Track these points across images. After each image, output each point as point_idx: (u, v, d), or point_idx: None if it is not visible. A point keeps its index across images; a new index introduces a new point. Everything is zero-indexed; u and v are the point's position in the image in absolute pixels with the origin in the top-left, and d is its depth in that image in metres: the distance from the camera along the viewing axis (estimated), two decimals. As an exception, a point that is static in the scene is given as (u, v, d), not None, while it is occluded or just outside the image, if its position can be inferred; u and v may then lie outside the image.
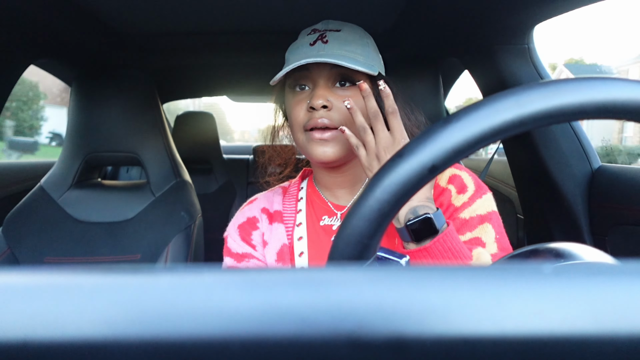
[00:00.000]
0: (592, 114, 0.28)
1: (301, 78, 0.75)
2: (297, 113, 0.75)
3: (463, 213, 0.72)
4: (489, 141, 0.28)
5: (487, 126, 0.28)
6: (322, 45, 0.73)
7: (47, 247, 1.18)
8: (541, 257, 0.36)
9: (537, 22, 1.09)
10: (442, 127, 0.29)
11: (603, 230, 1.09)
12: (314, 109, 0.72)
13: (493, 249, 0.69)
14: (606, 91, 0.27)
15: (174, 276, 0.18)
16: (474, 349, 0.16)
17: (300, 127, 0.75)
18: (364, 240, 0.31)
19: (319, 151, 0.73)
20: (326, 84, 0.74)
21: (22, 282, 0.17)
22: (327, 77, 0.74)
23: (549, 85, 0.28)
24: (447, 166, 0.29)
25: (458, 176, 0.76)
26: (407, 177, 0.29)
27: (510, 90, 0.28)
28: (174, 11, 1.13)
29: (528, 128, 0.28)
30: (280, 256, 0.78)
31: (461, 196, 0.74)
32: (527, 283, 0.18)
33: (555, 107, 0.27)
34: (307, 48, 0.74)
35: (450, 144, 0.28)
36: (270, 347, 0.16)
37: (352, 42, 0.75)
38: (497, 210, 0.74)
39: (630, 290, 0.17)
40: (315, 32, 0.77)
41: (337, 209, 0.81)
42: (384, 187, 0.30)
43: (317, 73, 0.74)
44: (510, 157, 1.41)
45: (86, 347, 0.16)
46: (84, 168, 1.29)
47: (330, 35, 0.75)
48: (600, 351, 0.16)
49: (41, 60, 1.34)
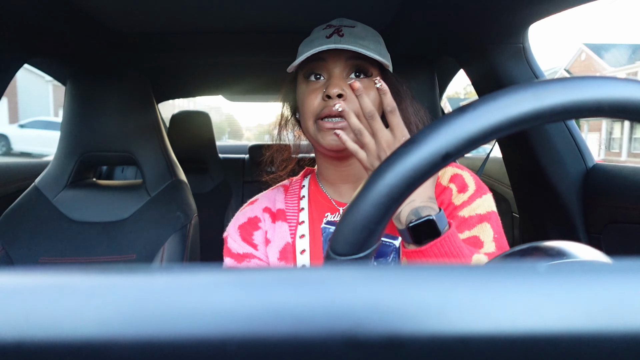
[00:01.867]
0: (608, 112, 0.27)
1: (316, 68, 0.77)
2: (312, 102, 0.76)
3: (462, 211, 0.73)
4: (504, 132, 0.28)
5: (503, 117, 0.28)
6: (339, 37, 0.75)
7: (42, 247, 1.17)
8: (536, 256, 0.36)
9: (532, 22, 1.10)
10: (458, 115, 0.28)
11: (598, 228, 1.10)
12: (329, 97, 0.73)
13: (491, 247, 0.69)
14: (626, 90, 0.27)
15: (170, 276, 0.18)
16: (469, 347, 0.16)
17: (313, 115, 0.76)
18: (371, 226, 0.30)
19: (331, 139, 0.74)
20: (341, 74, 0.76)
21: (17, 282, 0.17)
22: (343, 67, 0.76)
23: (568, 80, 0.28)
24: (460, 155, 0.29)
25: (459, 175, 0.77)
26: (419, 163, 0.29)
27: (529, 83, 0.28)
28: (169, 11, 1.13)
29: (544, 122, 0.28)
30: (283, 254, 0.78)
31: (461, 195, 0.74)
32: (521, 281, 0.18)
33: (574, 102, 0.27)
34: (324, 39, 0.75)
35: (466, 133, 0.28)
36: (267, 346, 0.16)
37: (366, 37, 0.77)
38: (496, 211, 0.74)
39: (624, 288, 0.17)
40: (331, 27, 0.78)
41: (339, 206, 0.81)
42: (395, 172, 0.29)
43: (333, 63, 0.75)
44: (506, 156, 1.42)
45: (81, 347, 0.16)
46: (79, 168, 1.29)
47: (345, 30, 0.76)
48: (594, 349, 0.17)
49: (35, 59, 1.33)
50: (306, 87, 0.78)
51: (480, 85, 1.36)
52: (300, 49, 0.81)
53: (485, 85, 1.33)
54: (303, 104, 0.78)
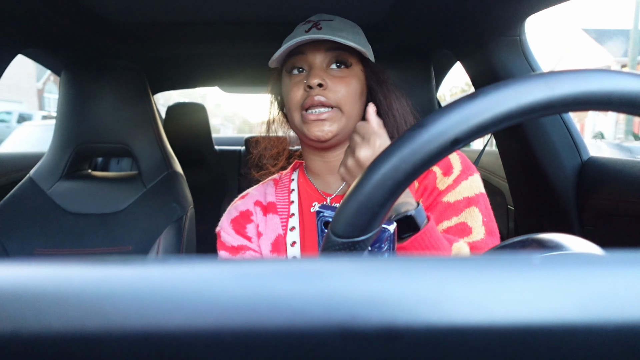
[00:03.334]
0: (616, 105, 0.27)
1: (297, 61, 0.79)
2: (295, 94, 0.78)
3: (447, 196, 0.72)
4: (514, 120, 0.28)
5: (514, 105, 0.27)
6: (317, 30, 0.77)
7: (37, 238, 1.17)
8: (530, 248, 0.37)
9: (529, 14, 1.09)
10: (468, 101, 0.28)
11: (592, 221, 1.11)
12: (310, 87, 0.75)
13: (480, 232, 0.69)
14: (636, 85, 0.27)
15: (166, 268, 0.18)
16: (465, 338, 0.17)
17: (297, 107, 0.78)
18: (375, 209, 0.30)
19: (316, 130, 0.75)
20: (321, 65, 0.78)
21: (12, 274, 0.17)
22: (323, 58, 0.78)
23: (580, 72, 0.28)
24: (470, 141, 0.29)
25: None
26: (428, 147, 0.29)
27: (539, 73, 0.28)
28: (165, 1, 1.12)
29: (553, 112, 0.28)
30: (275, 247, 0.79)
31: (446, 179, 0.74)
32: (516, 273, 0.18)
33: (585, 93, 0.27)
34: (302, 34, 0.77)
35: (476, 118, 0.28)
36: (263, 337, 0.16)
37: (344, 29, 0.79)
38: (484, 192, 0.74)
39: (617, 280, 0.18)
40: (310, 22, 0.80)
41: (327, 196, 0.82)
42: (402, 155, 0.29)
43: (312, 55, 0.78)
44: (501, 148, 1.42)
45: (78, 338, 0.16)
46: (74, 159, 1.28)
47: (323, 23, 0.78)
48: (587, 340, 0.17)
49: (29, 50, 1.32)
50: (289, 80, 0.80)
51: (477, 78, 1.36)
52: (283, 44, 0.82)
53: (482, 78, 1.33)
54: (287, 97, 0.80)
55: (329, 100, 0.75)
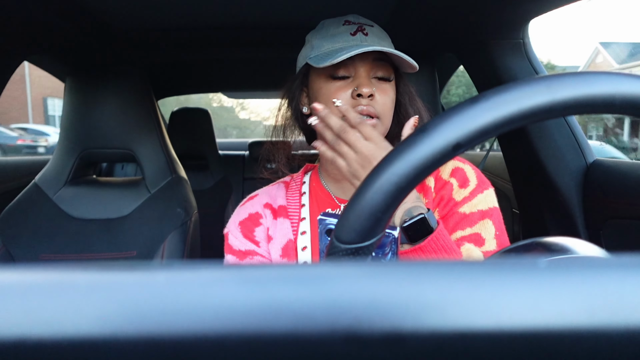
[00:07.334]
0: (619, 107, 0.27)
1: (343, 66, 0.75)
2: (340, 99, 0.75)
3: (463, 207, 0.72)
4: (516, 124, 0.28)
5: (515, 109, 0.27)
6: (364, 36, 0.75)
7: (42, 244, 1.17)
8: (536, 252, 0.36)
9: (532, 17, 1.10)
10: (470, 105, 0.28)
11: (598, 224, 1.10)
12: (360, 95, 0.72)
13: (492, 245, 0.69)
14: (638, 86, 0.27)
15: (171, 273, 0.18)
16: (470, 343, 0.16)
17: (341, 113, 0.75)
18: (378, 214, 0.30)
19: None
20: (368, 75, 0.75)
21: (18, 279, 0.17)
22: (370, 68, 0.75)
23: (581, 74, 0.28)
24: (472, 146, 0.29)
25: (461, 169, 0.76)
26: (430, 152, 0.28)
27: (541, 76, 0.28)
28: (169, 7, 1.12)
29: (556, 116, 0.28)
30: (286, 251, 0.78)
31: (462, 190, 0.74)
32: (522, 277, 0.18)
33: (586, 96, 0.27)
34: (349, 37, 0.75)
35: (478, 123, 0.28)
36: (267, 343, 0.16)
37: (385, 38, 0.78)
38: (498, 207, 0.74)
39: (623, 284, 0.18)
40: (351, 23, 0.77)
41: (341, 203, 0.81)
42: (405, 160, 0.29)
43: (361, 64, 0.75)
44: (506, 151, 1.41)
45: (83, 344, 0.16)
46: (79, 165, 1.28)
47: (367, 28, 0.76)
48: (594, 344, 0.17)
49: (34, 56, 1.33)
50: (332, 84, 0.76)
51: (480, 81, 1.36)
52: (316, 42, 0.78)
53: (485, 81, 1.33)
54: (328, 102, 0.76)
55: (376, 111, 0.73)
